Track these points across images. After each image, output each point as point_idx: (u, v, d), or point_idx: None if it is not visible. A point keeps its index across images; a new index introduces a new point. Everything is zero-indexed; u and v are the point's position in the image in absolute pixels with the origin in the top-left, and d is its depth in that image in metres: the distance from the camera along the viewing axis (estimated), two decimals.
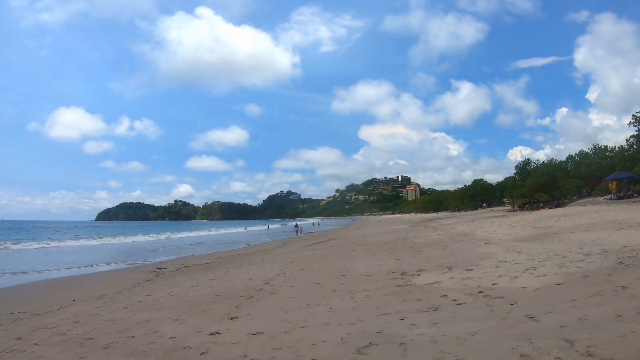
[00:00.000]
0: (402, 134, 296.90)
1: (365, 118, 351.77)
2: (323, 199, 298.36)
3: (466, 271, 7.82)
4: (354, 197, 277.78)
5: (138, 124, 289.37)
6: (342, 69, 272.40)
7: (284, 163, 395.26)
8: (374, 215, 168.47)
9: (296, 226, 45.41)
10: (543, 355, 3.45)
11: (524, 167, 54.37)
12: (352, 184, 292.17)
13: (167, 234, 48.90)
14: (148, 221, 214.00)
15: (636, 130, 38.39)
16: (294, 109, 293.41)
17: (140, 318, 6.59)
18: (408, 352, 3.89)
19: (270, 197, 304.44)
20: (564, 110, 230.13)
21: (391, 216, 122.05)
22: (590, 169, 41.50)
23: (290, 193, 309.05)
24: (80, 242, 35.33)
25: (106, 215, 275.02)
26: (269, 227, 69.91)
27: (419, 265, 9.39)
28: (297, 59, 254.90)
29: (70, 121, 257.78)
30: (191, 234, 51.11)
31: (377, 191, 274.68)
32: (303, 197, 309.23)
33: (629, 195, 31.15)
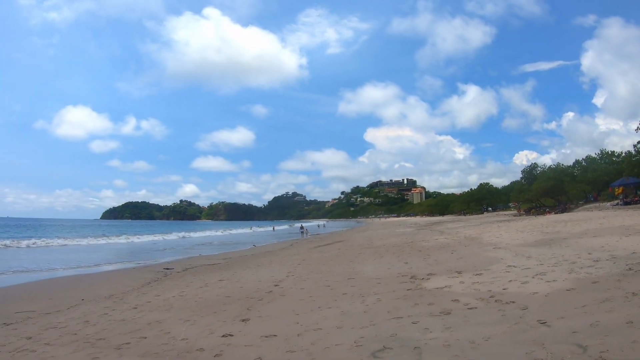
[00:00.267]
0: (408, 137, 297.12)
1: (372, 120, 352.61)
2: (328, 201, 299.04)
3: (476, 275, 7.84)
4: (359, 200, 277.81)
5: (144, 124, 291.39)
6: (349, 71, 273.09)
7: (289, 164, 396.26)
8: (379, 217, 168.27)
9: (302, 228, 45.46)
10: None
11: (531, 172, 54.16)
12: (358, 186, 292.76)
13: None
14: (153, 221, 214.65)
15: None
16: (300, 110, 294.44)
17: (151, 319, 6.60)
18: (423, 356, 3.91)
19: (275, 199, 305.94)
20: (571, 114, 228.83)
21: (396, 219, 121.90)
22: (597, 174, 41.42)
23: (295, 194, 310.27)
24: (86, 241, 35.42)
25: (111, 214, 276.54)
26: (274, 229, 69.74)
27: (428, 269, 9.40)
28: (304, 61, 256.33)
29: (77, 120, 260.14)
30: (196, 234, 51.27)
31: (383, 194, 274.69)
32: (308, 199, 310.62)
33: (636, 200, 30.98)
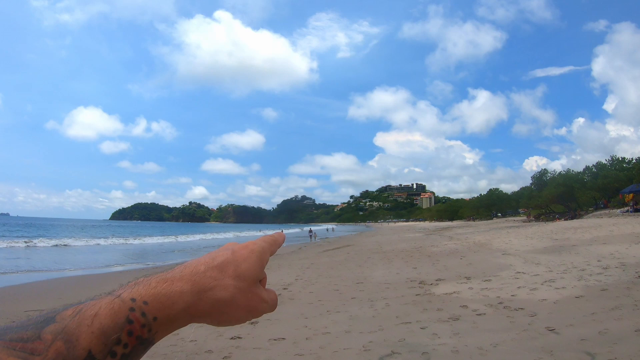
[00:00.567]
0: (418, 142, 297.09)
1: (381, 125, 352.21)
2: (337, 205, 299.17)
3: (485, 282, 7.86)
4: (368, 204, 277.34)
5: (155, 126, 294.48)
6: (359, 75, 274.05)
7: (299, 168, 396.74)
8: (387, 222, 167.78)
9: (310, 231, 45.47)
10: None
11: (541, 178, 53.84)
12: (367, 191, 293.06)
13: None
14: (162, 222, 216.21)
15: None
16: (311, 114, 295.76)
17: None
18: None
19: (284, 202, 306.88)
20: (581, 120, 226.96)
21: (405, 224, 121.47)
22: (607, 180, 40.93)
23: (304, 198, 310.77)
24: (95, 242, 35.75)
25: (121, 214, 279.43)
26: (282, 232, 70.14)
27: (437, 274, 9.42)
28: (315, 65, 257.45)
29: (88, 121, 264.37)
30: (206, 236, 51.49)
31: (392, 198, 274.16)
32: (317, 203, 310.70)
33: None
